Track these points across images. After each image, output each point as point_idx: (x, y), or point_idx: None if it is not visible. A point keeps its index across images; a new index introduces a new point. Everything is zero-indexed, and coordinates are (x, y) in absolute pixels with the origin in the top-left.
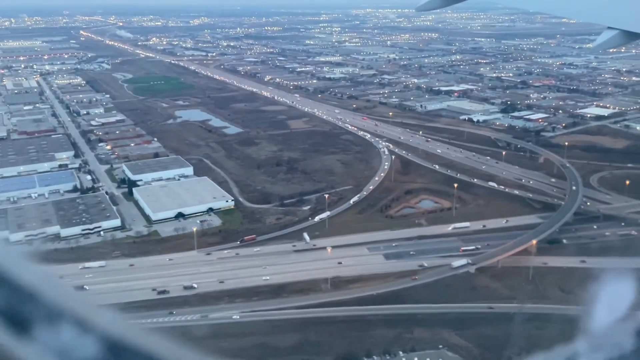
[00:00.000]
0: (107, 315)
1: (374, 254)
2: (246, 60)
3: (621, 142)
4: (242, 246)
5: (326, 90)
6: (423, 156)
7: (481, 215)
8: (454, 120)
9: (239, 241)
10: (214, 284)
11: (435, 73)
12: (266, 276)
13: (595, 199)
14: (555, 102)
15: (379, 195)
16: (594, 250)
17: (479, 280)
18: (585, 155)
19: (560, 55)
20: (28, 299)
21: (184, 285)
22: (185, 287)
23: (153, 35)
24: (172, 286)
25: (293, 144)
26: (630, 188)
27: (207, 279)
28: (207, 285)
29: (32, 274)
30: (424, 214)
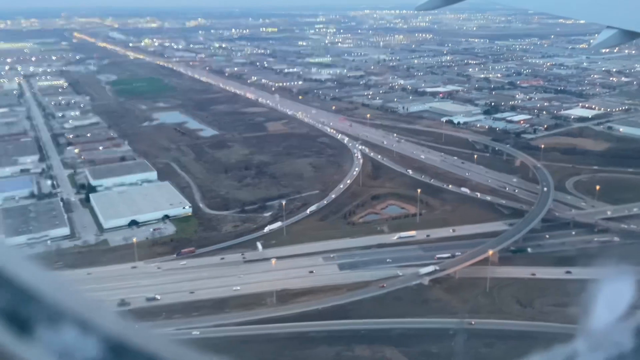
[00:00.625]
0: (109, 316)
1: (328, 264)
2: (234, 61)
3: (602, 145)
4: (188, 257)
5: (310, 92)
6: (397, 159)
7: (446, 222)
8: (435, 122)
9: (176, 254)
10: (149, 299)
11: (423, 74)
12: (209, 289)
13: (569, 204)
14: (540, 103)
15: (345, 200)
16: (560, 260)
17: (432, 292)
18: (563, 158)
19: (552, 55)
20: (29, 299)
21: (117, 302)
22: (118, 303)
23: (146, 37)
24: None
25: (266, 147)
26: (606, 192)
27: (142, 294)
28: (140, 301)
29: (33, 275)
30: (388, 220)
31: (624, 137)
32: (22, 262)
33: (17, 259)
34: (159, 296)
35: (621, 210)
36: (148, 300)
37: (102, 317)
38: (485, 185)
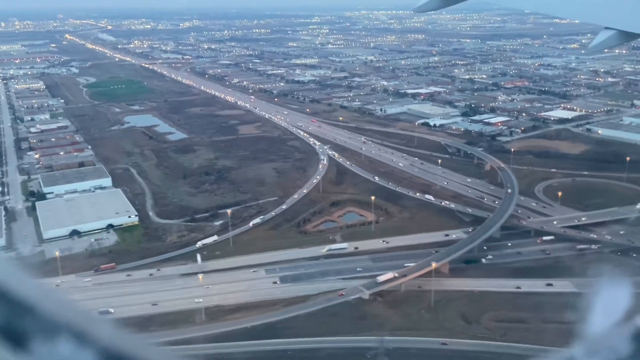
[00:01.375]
0: (105, 327)
1: (270, 277)
2: (219, 63)
3: (578, 147)
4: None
5: (290, 94)
6: (365, 164)
7: (402, 230)
8: (411, 125)
9: (94, 270)
10: None
11: (407, 75)
12: (132, 307)
13: (536, 211)
14: (521, 104)
15: (302, 208)
16: (514, 272)
17: (373, 307)
18: (536, 161)
19: (541, 55)
20: (25, 312)
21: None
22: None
23: (137, 39)
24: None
25: (234, 151)
26: (577, 198)
27: None
28: None
29: (29, 287)
30: (342, 228)
31: (602, 140)
32: (14, 273)
33: (10, 271)
34: None
35: (588, 217)
36: None
37: (97, 328)
38: (451, 190)
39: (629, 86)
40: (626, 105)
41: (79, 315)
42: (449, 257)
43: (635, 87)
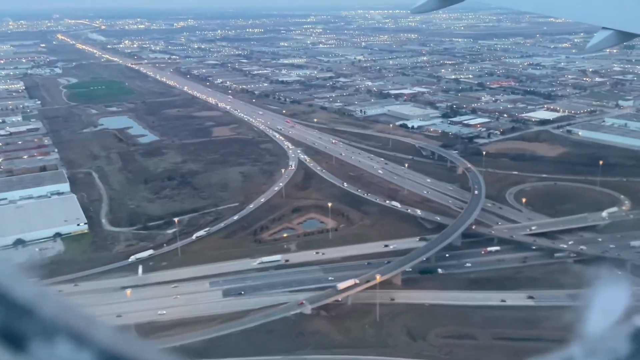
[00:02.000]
0: (104, 329)
1: (213, 290)
2: (206, 63)
3: (556, 150)
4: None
5: (272, 94)
6: (335, 167)
7: (360, 238)
8: (389, 127)
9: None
10: None
11: (393, 75)
12: None
13: (503, 217)
14: (504, 105)
15: (261, 214)
16: (471, 283)
17: (313, 323)
18: (511, 164)
19: (532, 55)
20: (24, 313)
21: None
22: None
23: (128, 38)
24: None
25: (203, 154)
26: (548, 203)
27: None
28: None
29: (27, 289)
30: (299, 236)
31: (581, 142)
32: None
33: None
34: None
35: (556, 224)
36: None
37: (96, 330)
38: (419, 195)
39: (615, 86)
40: (611, 105)
41: (76, 317)
42: (398, 269)
43: (622, 87)
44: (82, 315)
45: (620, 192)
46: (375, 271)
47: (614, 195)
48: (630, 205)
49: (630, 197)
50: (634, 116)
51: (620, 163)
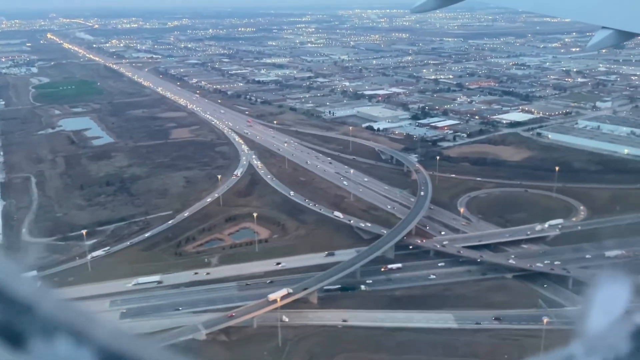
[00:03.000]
0: (104, 326)
1: (112, 311)
2: (187, 62)
3: (522, 154)
4: None
5: (244, 95)
6: (286, 172)
7: (290, 250)
8: (355, 129)
9: None
10: None
11: (373, 75)
12: None
13: (449, 227)
14: (479, 106)
15: (191, 224)
16: (393, 301)
17: (207, 349)
18: (471, 169)
19: (519, 55)
20: (23, 311)
21: None
22: None
23: (116, 37)
24: None
25: (152, 158)
26: (498, 211)
27: None
28: None
29: (26, 286)
30: (224, 249)
31: (549, 145)
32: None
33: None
34: None
35: (500, 235)
36: None
37: (97, 327)
38: (367, 202)
39: (597, 87)
40: (588, 107)
41: (76, 315)
42: (313, 287)
43: (603, 88)
44: (82, 313)
45: (579, 199)
46: (286, 287)
47: (571, 204)
48: (587, 214)
49: (588, 205)
50: (608, 118)
51: (584, 168)
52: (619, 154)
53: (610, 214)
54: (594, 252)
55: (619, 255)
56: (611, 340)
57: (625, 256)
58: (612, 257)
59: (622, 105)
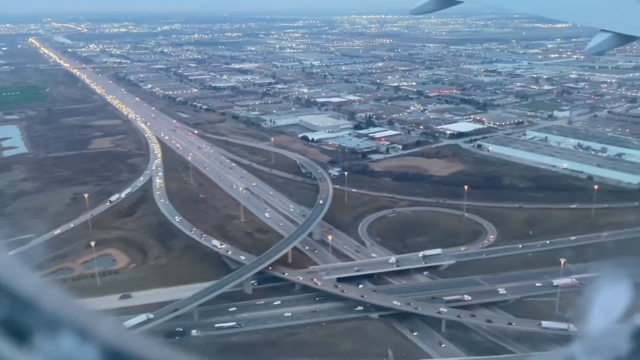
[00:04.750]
0: (107, 324)
1: None
2: (152, 67)
3: (452, 168)
4: None
5: (191, 101)
6: (187, 189)
7: (140, 283)
8: (290, 139)
9: None
10: None
11: (336, 82)
12: None
13: (340, 253)
14: (430, 115)
15: (45, 250)
16: (222, 351)
17: None
18: (391, 185)
19: (495, 61)
20: (27, 307)
21: None
22: None
23: (96, 42)
24: None
25: (54, 171)
26: (400, 234)
27: None
28: None
29: (30, 282)
30: (66, 281)
31: (486, 158)
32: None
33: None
34: None
35: (385, 264)
36: None
37: (100, 325)
38: (259, 223)
39: (561, 94)
40: (544, 116)
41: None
42: None
43: (567, 96)
44: (84, 310)
45: (493, 221)
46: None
47: (483, 226)
48: (496, 239)
49: (502, 228)
50: (556, 129)
51: (512, 185)
52: (557, 169)
53: (520, 239)
54: (487, 286)
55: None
56: (611, 341)
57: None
58: (501, 294)
59: (580, 115)
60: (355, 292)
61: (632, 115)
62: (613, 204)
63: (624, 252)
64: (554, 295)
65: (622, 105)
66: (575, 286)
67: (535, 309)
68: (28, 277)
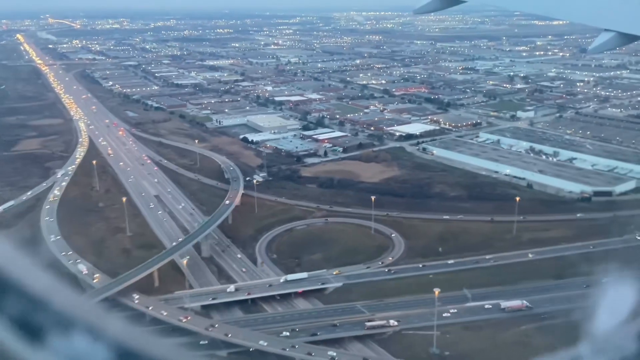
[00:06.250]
0: (116, 323)
1: None
2: (123, 64)
3: (386, 173)
4: None
5: (145, 99)
6: (91, 195)
7: None
8: (228, 140)
9: None
10: None
11: (304, 80)
12: None
13: (222, 273)
14: (388, 115)
15: None
16: None
17: None
18: (314, 193)
19: (477, 58)
20: (40, 307)
21: None
22: None
23: (81, 38)
24: None
25: None
26: (299, 251)
27: None
28: None
29: (44, 283)
30: None
31: (426, 163)
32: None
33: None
34: None
35: (262, 287)
36: None
37: (109, 324)
38: (148, 237)
39: (532, 94)
40: (507, 117)
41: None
42: None
43: (539, 95)
44: (94, 309)
45: (405, 234)
46: None
47: (391, 240)
48: (402, 255)
49: (413, 242)
50: (513, 131)
51: (442, 193)
52: (499, 175)
53: (426, 257)
54: (367, 314)
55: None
56: (618, 341)
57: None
58: (369, 327)
59: (546, 115)
60: (201, 324)
61: (598, 116)
62: (543, 216)
63: (533, 275)
64: (440, 327)
65: (591, 106)
66: (522, 310)
67: (410, 345)
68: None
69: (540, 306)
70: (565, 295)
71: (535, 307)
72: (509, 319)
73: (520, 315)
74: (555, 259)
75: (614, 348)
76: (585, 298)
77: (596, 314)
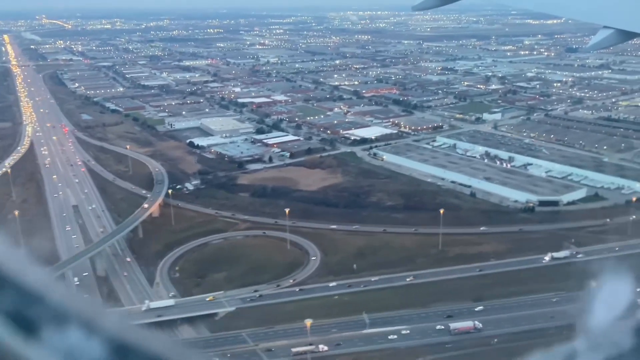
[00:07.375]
0: (113, 318)
1: None
2: (97, 65)
3: (328, 181)
4: None
5: (103, 101)
6: (5, 206)
7: None
8: (174, 144)
9: None
10: None
11: (276, 81)
12: None
13: (114, 297)
14: (350, 117)
15: None
16: None
17: None
18: (245, 202)
19: (459, 58)
20: (35, 301)
21: None
22: None
23: (66, 39)
24: None
25: None
26: (207, 268)
27: None
28: None
29: (39, 277)
30: None
31: (372, 169)
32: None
33: (21, 262)
34: None
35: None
36: None
37: (105, 319)
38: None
39: (505, 95)
40: (472, 119)
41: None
42: None
43: (512, 96)
44: (91, 304)
45: (324, 249)
46: None
47: (307, 256)
48: (315, 272)
49: (327, 258)
50: (465, 135)
51: (378, 203)
52: (444, 182)
53: (337, 275)
54: (250, 344)
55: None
56: (614, 337)
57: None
58: None
59: (513, 117)
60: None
61: (567, 119)
62: (477, 228)
63: (449, 297)
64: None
65: (563, 107)
66: (471, 332)
67: None
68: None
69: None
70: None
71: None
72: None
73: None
74: (478, 277)
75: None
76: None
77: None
